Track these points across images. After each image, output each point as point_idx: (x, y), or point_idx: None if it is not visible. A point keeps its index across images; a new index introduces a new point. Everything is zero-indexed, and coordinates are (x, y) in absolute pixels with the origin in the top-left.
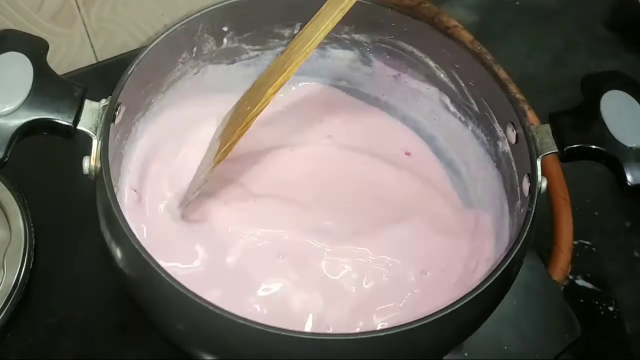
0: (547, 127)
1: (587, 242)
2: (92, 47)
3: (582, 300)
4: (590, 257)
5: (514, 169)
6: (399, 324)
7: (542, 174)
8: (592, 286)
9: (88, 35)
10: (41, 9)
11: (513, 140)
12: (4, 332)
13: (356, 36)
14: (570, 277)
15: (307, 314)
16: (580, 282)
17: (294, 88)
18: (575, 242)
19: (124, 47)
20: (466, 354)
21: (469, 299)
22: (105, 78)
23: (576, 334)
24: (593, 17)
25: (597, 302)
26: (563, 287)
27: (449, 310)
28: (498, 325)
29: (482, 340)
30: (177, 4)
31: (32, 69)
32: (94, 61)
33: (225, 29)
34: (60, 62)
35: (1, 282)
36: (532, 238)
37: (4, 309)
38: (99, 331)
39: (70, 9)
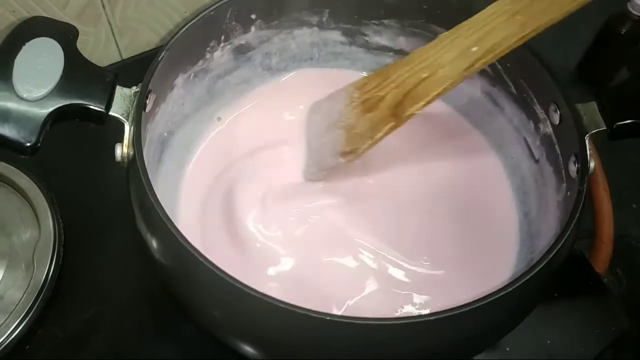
0: (593, 105)
1: (626, 235)
2: (117, 45)
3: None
4: (629, 250)
5: (558, 151)
6: (440, 310)
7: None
8: (629, 280)
9: (113, 34)
10: (67, 7)
11: (556, 121)
12: (34, 328)
13: (386, 21)
14: (609, 270)
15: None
16: (620, 275)
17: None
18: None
19: (149, 44)
20: (507, 349)
21: (522, 280)
22: (130, 76)
23: (622, 328)
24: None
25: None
26: (606, 280)
27: (501, 294)
28: (539, 320)
29: (523, 334)
30: (201, 0)
31: (62, 54)
32: (119, 59)
33: (253, 16)
34: None
35: (31, 278)
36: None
37: (34, 305)
38: (129, 327)
39: (95, 7)
